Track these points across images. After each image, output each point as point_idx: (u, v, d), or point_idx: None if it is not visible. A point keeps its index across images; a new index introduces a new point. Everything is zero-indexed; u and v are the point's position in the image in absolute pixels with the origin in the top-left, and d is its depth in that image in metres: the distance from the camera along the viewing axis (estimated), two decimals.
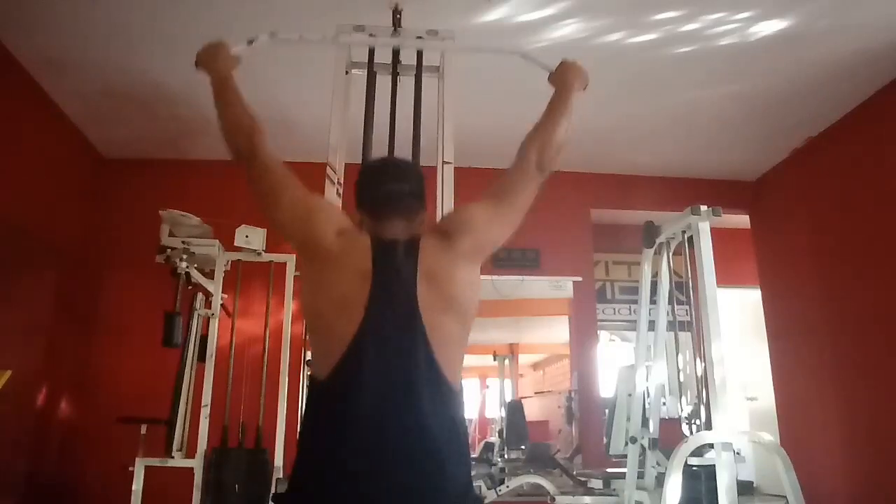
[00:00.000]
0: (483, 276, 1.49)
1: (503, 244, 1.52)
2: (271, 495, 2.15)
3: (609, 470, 3.63)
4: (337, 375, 1.30)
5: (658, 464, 2.96)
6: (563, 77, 1.76)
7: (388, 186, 1.48)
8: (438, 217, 2.17)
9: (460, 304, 1.38)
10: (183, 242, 3.32)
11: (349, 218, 1.49)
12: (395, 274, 1.35)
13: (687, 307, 3.30)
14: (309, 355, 3.59)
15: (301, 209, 1.43)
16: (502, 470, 4.05)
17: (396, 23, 2.42)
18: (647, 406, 3.18)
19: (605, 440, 4.24)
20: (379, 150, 2.25)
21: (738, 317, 4.87)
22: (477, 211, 1.48)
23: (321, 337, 1.39)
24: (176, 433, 3.28)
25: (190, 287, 3.43)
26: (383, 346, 1.30)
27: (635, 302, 3.47)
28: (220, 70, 1.62)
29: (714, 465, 2.44)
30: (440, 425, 1.29)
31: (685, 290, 3.50)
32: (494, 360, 5.34)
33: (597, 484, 3.36)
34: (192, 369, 3.45)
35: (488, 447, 4.78)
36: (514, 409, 4.97)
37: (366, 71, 2.39)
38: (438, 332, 1.33)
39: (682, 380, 3.65)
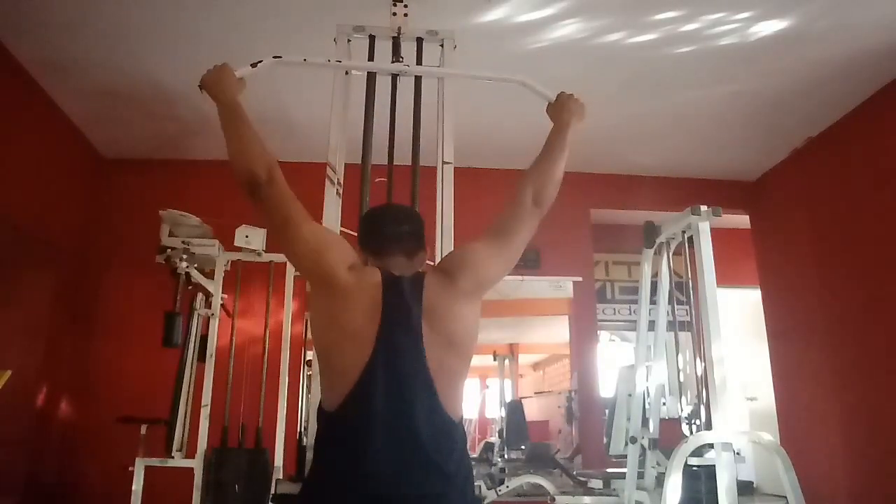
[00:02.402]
0: None
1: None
2: (271, 495, 2.15)
3: (609, 470, 3.62)
4: (346, 407, 1.34)
5: (658, 464, 2.95)
6: (562, 112, 1.76)
7: (388, 227, 1.57)
8: (439, 217, 2.18)
9: (460, 340, 1.43)
10: (183, 242, 3.32)
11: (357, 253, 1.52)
12: (402, 309, 1.39)
13: (687, 307, 3.30)
14: (310, 355, 3.59)
15: (320, 241, 1.45)
16: (502, 470, 4.04)
17: (397, 49, 2.41)
18: (647, 406, 3.18)
19: (605, 440, 4.24)
20: (379, 151, 2.25)
21: (738, 317, 4.87)
22: (476, 249, 1.52)
23: (331, 370, 1.41)
24: (176, 433, 3.28)
25: (190, 287, 3.43)
26: (390, 380, 1.34)
27: (635, 302, 3.47)
28: (228, 95, 1.59)
29: (714, 465, 2.43)
30: (440, 453, 1.34)
31: (685, 290, 3.50)
32: (494, 360, 5.33)
33: (597, 484, 3.36)
34: (192, 369, 3.45)
35: (488, 447, 4.77)
36: (514, 409, 4.96)
37: (365, 71, 2.39)
38: (441, 367, 1.38)
39: (682, 380, 3.65)
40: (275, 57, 1.79)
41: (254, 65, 1.74)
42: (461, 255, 1.53)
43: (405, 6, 2.38)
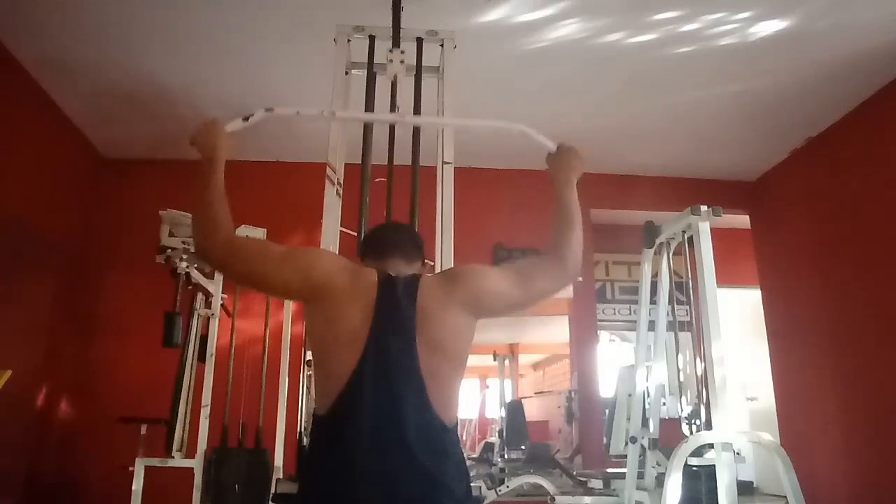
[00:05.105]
0: None
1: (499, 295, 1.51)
2: (271, 495, 2.15)
3: (609, 470, 3.62)
4: (336, 409, 1.34)
5: (658, 464, 2.95)
6: (563, 169, 1.70)
7: (387, 234, 1.61)
8: (439, 217, 2.18)
9: (449, 346, 1.41)
10: (183, 242, 3.31)
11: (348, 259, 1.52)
12: (395, 309, 1.39)
13: (687, 307, 3.30)
14: (309, 355, 3.59)
15: (302, 258, 1.44)
16: (502, 470, 4.04)
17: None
18: (647, 406, 3.18)
19: (605, 440, 4.24)
20: (379, 151, 2.25)
21: (738, 317, 4.87)
22: (487, 272, 1.50)
23: (324, 372, 1.40)
24: (176, 433, 3.28)
25: (190, 287, 3.43)
26: (380, 381, 1.33)
27: (635, 302, 3.47)
28: (217, 154, 1.55)
29: (714, 465, 2.43)
30: (429, 456, 1.31)
31: (685, 290, 3.50)
32: (494, 360, 5.33)
33: (597, 484, 3.35)
34: (192, 369, 3.44)
35: (488, 447, 4.77)
36: (514, 409, 4.96)
37: (365, 71, 2.39)
38: (432, 369, 1.36)
39: (682, 380, 3.65)
40: (266, 109, 1.74)
41: (245, 119, 1.70)
42: (468, 270, 1.52)
43: (402, 52, 2.34)
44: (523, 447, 4.56)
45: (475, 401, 5.82)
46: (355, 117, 2.33)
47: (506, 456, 4.50)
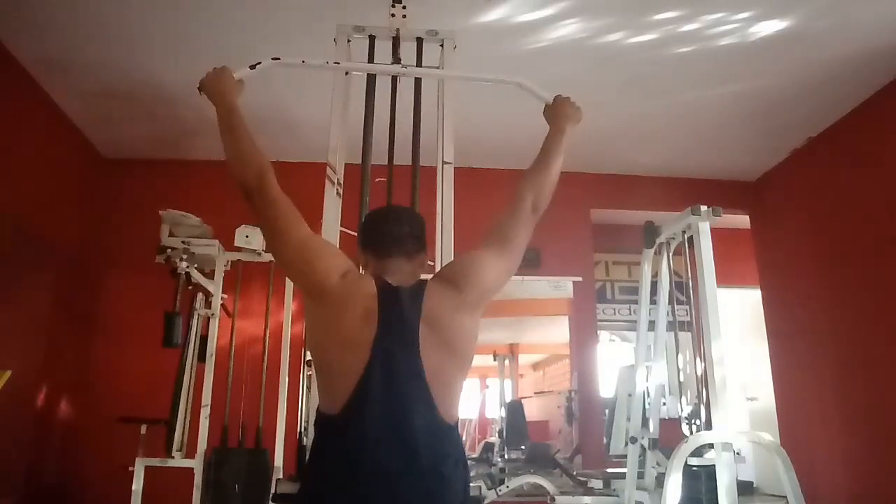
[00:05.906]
0: None
1: None
2: (271, 495, 2.15)
3: (609, 470, 3.63)
4: (343, 414, 1.34)
5: (658, 464, 2.95)
6: (559, 117, 1.77)
7: (389, 227, 1.57)
8: (439, 217, 2.18)
9: (459, 349, 1.43)
10: (183, 242, 3.32)
11: (352, 260, 1.52)
12: (399, 317, 1.39)
13: (687, 307, 3.30)
14: (309, 355, 3.59)
15: (309, 249, 1.44)
16: (502, 470, 4.04)
17: (397, 46, 2.42)
18: (647, 406, 3.18)
19: (605, 440, 4.24)
20: (379, 151, 2.25)
21: (738, 317, 4.87)
22: (480, 258, 1.52)
23: (327, 375, 1.42)
24: (176, 433, 3.28)
25: (190, 287, 3.43)
26: (387, 388, 1.34)
27: (635, 302, 3.47)
28: (226, 98, 1.60)
29: (714, 465, 2.44)
30: (431, 457, 1.34)
31: (685, 290, 3.50)
32: (494, 360, 5.33)
33: (597, 484, 3.36)
34: (192, 369, 3.45)
35: (488, 447, 4.77)
36: (514, 409, 4.97)
37: (365, 72, 2.39)
38: (438, 374, 1.38)
39: (682, 380, 3.65)
40: (273, 59, 1.81)
41: (252, 66, 1.76)
42: (465, 264, 1.52)
43: (403, 7, 2.39)
44: (523, 447, 4.56)
45: (475, 401, 5.81)
46: (358, 67, 2.36)
47: (506, 456, 4.50)
